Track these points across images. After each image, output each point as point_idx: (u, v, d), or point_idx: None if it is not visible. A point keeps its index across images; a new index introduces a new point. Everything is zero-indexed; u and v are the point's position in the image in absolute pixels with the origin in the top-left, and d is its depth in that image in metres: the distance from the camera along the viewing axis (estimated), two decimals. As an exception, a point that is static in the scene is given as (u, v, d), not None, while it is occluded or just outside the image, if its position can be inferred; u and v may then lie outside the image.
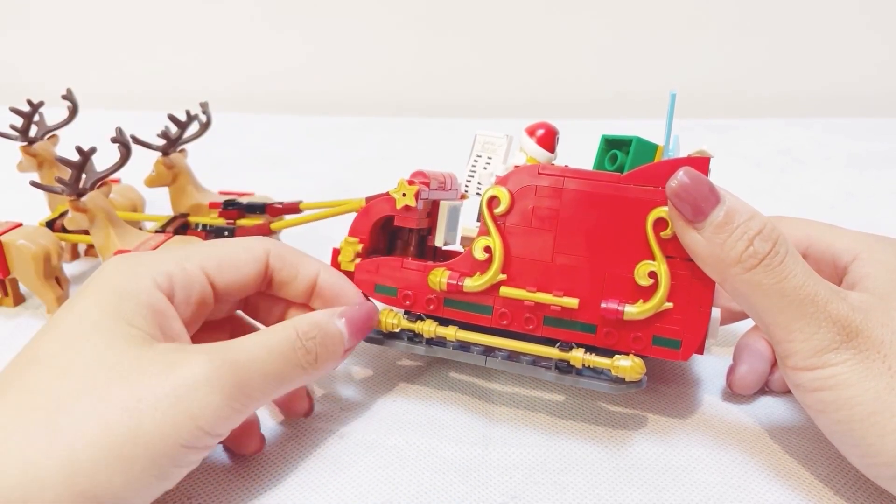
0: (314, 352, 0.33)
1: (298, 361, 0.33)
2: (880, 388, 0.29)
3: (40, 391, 0.28)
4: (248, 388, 0.30)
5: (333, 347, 0.34)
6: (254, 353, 0.31)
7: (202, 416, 0.29)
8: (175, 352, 0.30)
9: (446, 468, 0.35)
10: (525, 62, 1.04)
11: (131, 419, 0.27)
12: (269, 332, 0.33)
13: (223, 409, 0.29)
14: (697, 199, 0.31)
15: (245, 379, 0.30)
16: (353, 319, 0.36)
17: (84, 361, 0.29)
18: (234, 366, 0.30)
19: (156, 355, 0.29)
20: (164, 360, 0.29)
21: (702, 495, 0.34)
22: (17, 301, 0.51)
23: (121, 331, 0.30)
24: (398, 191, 0.38)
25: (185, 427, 0.28)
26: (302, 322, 0.34)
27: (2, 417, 0.28)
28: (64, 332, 0.30)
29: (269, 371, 0.31)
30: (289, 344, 0.32)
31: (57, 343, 0.30)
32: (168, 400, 0.28)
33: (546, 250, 0.36)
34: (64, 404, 0.28)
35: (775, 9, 0.98)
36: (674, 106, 0.35)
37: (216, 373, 0.29)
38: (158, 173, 0.54)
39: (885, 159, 0.82)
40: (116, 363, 0.29)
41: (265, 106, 1.08)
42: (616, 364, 0.35)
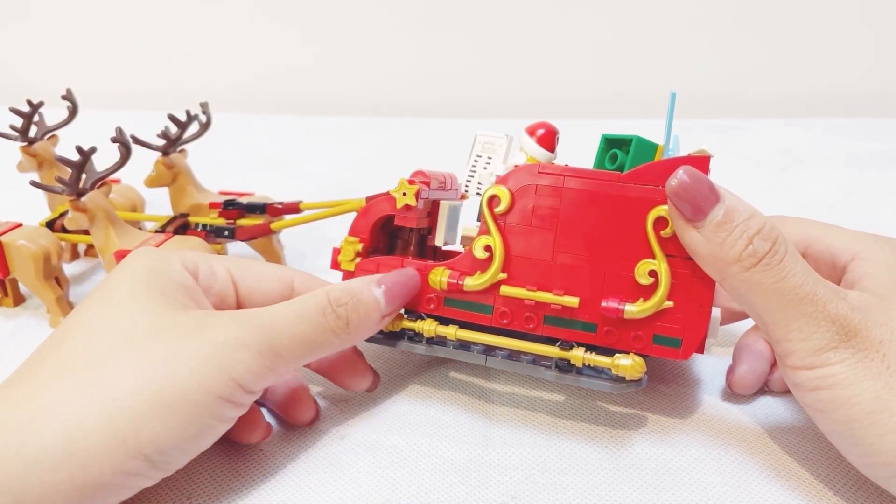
0: (345, 317, 0.34)
1: (329, 326, 0.33)
2: (879, 387, 0.29)
3: (79, 353, 0.30)
4: (278, 348, 0.32)
5: (367, 313, 0.35)
6: (283, 317, 0.33)
7: (235, 370, 0.30)
8: (207, 316, 0.32)
9: (446, 468, 0.35)
10: (525, 62, 1.04)
11: (168, 370, 0.29)
12: (301, 300, 0.34)
13: (254, 365, 0.31)
14: (697, 197, 0.31)
15: (274, 339, 0.32)
16: (392, 285, 0.36)
17: (120, 325, 0.31)
18: (262, 328, 0.32)
19: (189, 318, 0.31)
20: (197, 322, 0.31)
21: (702, 495, 0.34)
22: (16, 301, 0.51)
23: (154, 298, 0.32)
24: (398, 190, 0.38)
25: (220, 379, 0.30)
26: (335, 289, 0.35)
27: (43, 377, 0.29)
28: (98, 303, 0.32)
29: (298, 334, 0.33)
30: (319, 309, 0.33)
31: (92, 312, 0.32)
32: (203, 352, 0.30)
33: (546, 249, 0.36)
34: (103, 361, 0.29)
35: (775, 9, 0.98)
36: (674, 105, 0.35)
37: (245, 333, 0.31)
38: (158, 173, 0.54)
39: (885, 159, 0.81)
40: (152, 324, 0.31)
41: (265, 106, 1.08)
42: (616, 363, 0.35)
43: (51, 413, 0.28)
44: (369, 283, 0.36)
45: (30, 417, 0.28)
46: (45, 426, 0.27)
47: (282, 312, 0.33)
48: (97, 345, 0.30)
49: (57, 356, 0.30)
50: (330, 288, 0.35)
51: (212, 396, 0.30)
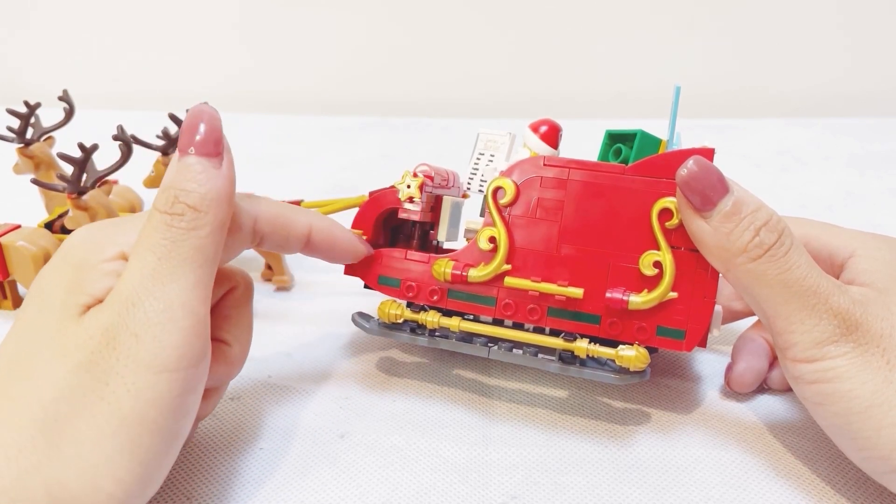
0: (182, 208, 0.29)
1: (183, 233, 0.29)
2: (878, 381, 0.29)
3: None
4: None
5: (196, 183, 0.30)
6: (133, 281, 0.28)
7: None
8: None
9: (446, 468, 0.35)
10: (525, 62, 1.05)
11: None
12: (139, 237, 0.29)
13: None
14: (706, 187, 0.31)
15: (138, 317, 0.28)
16: (199, 141, 0.31)
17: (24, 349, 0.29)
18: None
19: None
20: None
21: (702, 495, 0.33)
22: (16, 303, 0.51)
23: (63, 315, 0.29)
24: (402, 182, 0.38)
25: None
26: (157, 197, 0.30)
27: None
28: (18, 318, 0.30)
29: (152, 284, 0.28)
30: (160, 223, 0.29)
31: (12, 331, 0.30)
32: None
33: (551, 241, 0.36)
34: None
35: (776, 9, 0.99)
36: (678, 100, 0.35)
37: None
38: (158, 173, 0.53)
39: (885, 159, 0.82)
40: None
41: (264, 106, 1.08)
42: (620, 354, 0.35)
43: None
44: (175, 161, 0.30)
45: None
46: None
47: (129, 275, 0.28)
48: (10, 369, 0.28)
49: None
50: (155, 202, 0.30)
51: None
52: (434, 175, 0.38)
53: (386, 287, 0.39)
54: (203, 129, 0.31)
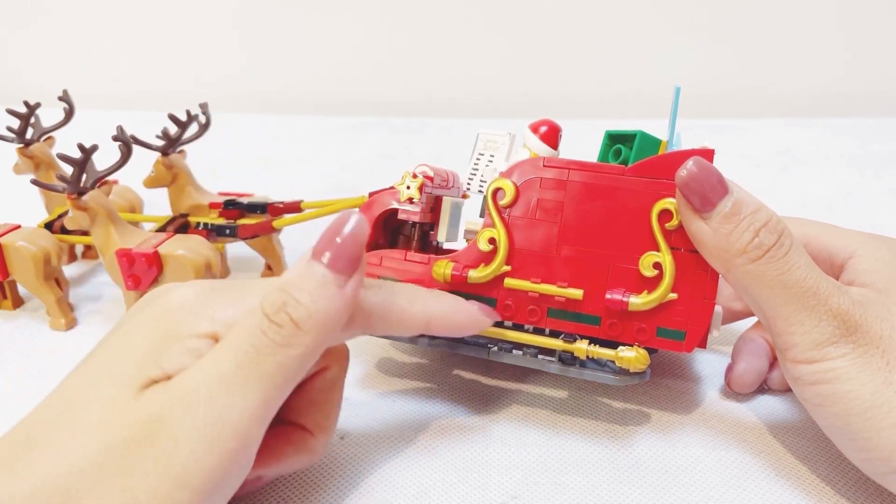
0: (284, 318, 0.27)
1: (273, 348, 0.26)
2: (878, 382, 0.29)
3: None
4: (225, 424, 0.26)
5: (312, 298, 0.27)
6: (206, 375, 0.26)
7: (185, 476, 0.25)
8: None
9: (446, 468, 0.35)
10: (525, 62, 1.05)
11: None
12: (236, 326, 0.27)
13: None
14: (706, 188, 0.31)
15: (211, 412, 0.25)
16: (333, 247, 0.28)
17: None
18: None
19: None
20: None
21: (702, 495, 0.34)
22: (15, 304, 0.51)
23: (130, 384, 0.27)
24: (402, 182, 0.38)
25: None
26: (269, 293, 0.27)
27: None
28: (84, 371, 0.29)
29: (242, 386, 0.26)
30: (257, 327, 0.27)
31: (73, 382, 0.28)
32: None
33: (550, 242, 0.36)
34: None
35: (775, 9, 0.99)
36: (678, 101, 0.35)
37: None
38: (158, 173, 0.53)
39: (885, 159, 0.82)
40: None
41: (265, 106, 1.08)
42: (620, 355, 0.35)
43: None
44: (304, 262, 0.28)
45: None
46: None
47: (201, 372, 0.26)
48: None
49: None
50: (264, 299, 0.27)
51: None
52: (434, 176, 0.38)
53: None
54: (345, 240, 0.28)
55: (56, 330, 0.48)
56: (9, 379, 0.43)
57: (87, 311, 0.50)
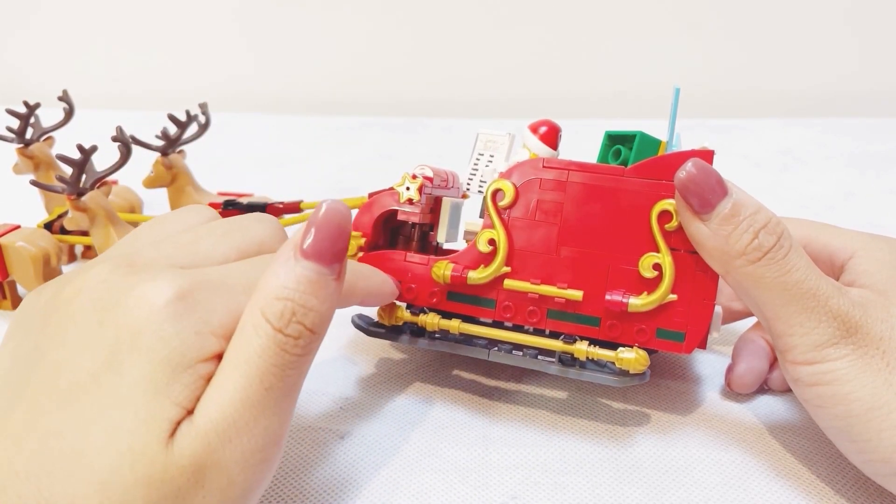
0: (299, 328, 0.26)
1: (294, 360, 0.26)
2: (878, 384, 0.29)
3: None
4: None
5: (319, 300, 0.26)
6: (217, 403, 0.25)
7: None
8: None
9: (446, 468, 0.35)
10: (525, 62, 1.05)
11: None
12: (240, 345, 0.25)
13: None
14: (705, 190, 0.31)
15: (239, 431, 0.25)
16: (320, 244, 0.26)
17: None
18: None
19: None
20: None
21: (702, 495, 0.33)
22: (15, 304, 0.51)
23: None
24: (402, 184, 0.38)
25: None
26: (267, 302, 0.25)
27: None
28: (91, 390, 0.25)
29: (258, 410, 0.25)
30: (272, 343, 0.25)
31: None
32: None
33: (550, 243, 0.36)
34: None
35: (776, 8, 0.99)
36: (677, 101, 0.35)
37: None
38: (157, 174, 0.53)
39: (885, 159, 0.82)
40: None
41: (265, 106, 1.08)
42: (620, 356, 0.35)
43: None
44: (290, 261, 0.26)
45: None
46: None
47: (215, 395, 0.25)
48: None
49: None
50: (257, 302, 0.26)
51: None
52: (433, 176, 0.38)
53: None
54: (327, 229, 0.26)
55: (56, 330, 0.48)
56: (8, 379, 0.43)
57: (87, 312, 0.50)
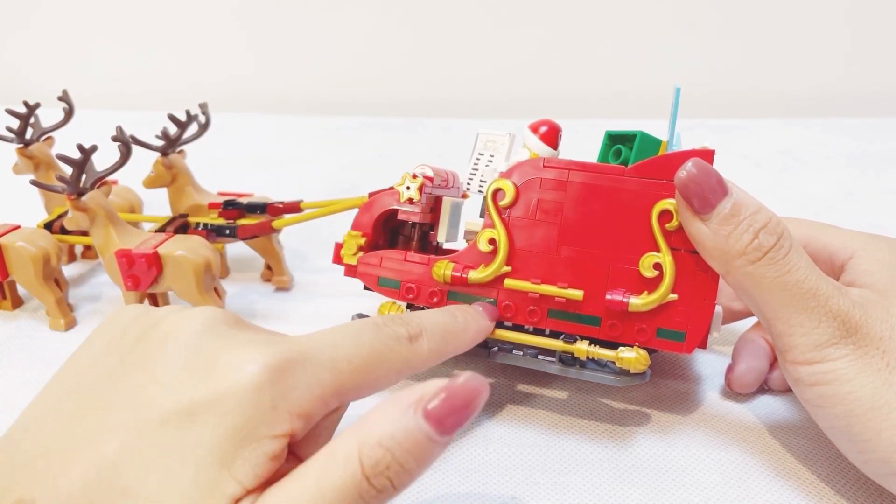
0: (386, 484, 0.24)
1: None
2: (878, 384, 0.29)
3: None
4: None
5: (418, 462, 0.24)
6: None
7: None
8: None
9: (446, 468, 0.35)
10: (525, 62, 1.04)
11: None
12: (324, 468, 0.24)
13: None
14: (705, 190, 0.31)
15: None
16: (441, 412, 0.24)
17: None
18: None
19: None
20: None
21: (702, 495, 0.33)
22: (15, 304, 0.51)
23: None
24: (402, 183, 0.38)
25: None
26: (368, 443, 0.24)
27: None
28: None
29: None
30: (354, 486, 0.24)
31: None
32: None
33: (550, 242, 0.36)
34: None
35: (775, 8, 0.99)
36: (678, 101, 0.35)
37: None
38: (157, 174, 0.53)
39: (885, 159, 0.82)
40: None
41: (265, 106, 1.08)
42: (620, 356, 0.35)
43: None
44: (408, 416, 0.24)
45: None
46: None
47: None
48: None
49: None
50: (361, 443, 0.24)
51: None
52: (433, 176, 0.38)
53: (386, 289, 0.39)
54: (463, 407, 0.25)
55: (55, 330, 0.48)
56: (8, 379, 0.43)
57: (87, 312, 0.50)
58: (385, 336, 0.29)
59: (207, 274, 0.45)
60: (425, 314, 0.32)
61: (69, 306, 0.49)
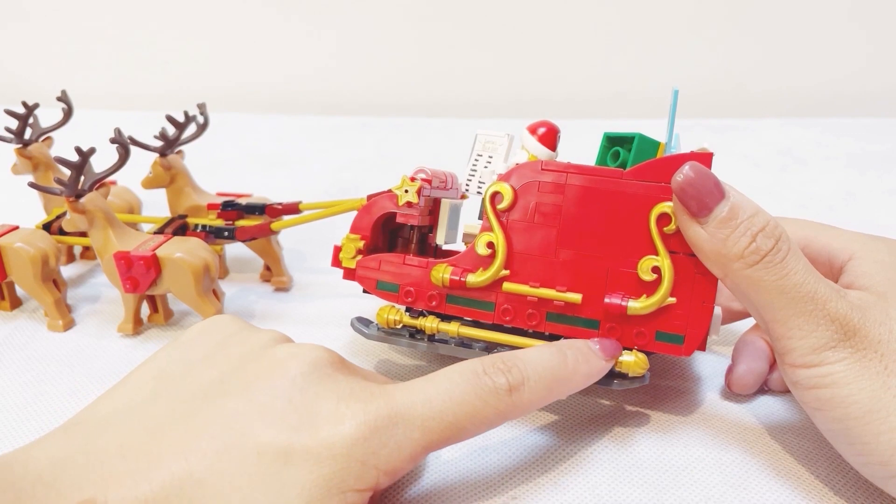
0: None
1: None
2: (876, 386, 0.29)
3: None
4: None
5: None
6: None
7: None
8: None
9: (446, 468, 0.35)
10: (525, 62, 1.04)
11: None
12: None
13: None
14: (702, 193, 0.31)
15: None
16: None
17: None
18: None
19: None
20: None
21: (702, 495, 0.33)
22: (13, 305, 0.51)
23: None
24: (401, 187, 0.37)
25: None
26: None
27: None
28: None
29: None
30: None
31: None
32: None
33: (549, 246, 0.35)
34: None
35: (775, 8, 0.98)
36: (676, 103, 0.35)
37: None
38: (156, 175, 0.53)
39: (885, 159, 0.81)
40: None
41: (264, 106, 1.08)
42: (619, 359, 0.34)
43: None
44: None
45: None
46: None
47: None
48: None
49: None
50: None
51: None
52: (432, 178, 0.38)
53: (385, 292, 0.39)
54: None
55: (54, 331, 0.48)
56: (8, 380, 0.43)
57: (86, 312, 0.50)
58: (483, 389, 0.29)
59: (206, 276, 0.45)
60: (532, 355, 0.32)
61: (68, 307, 0.49)
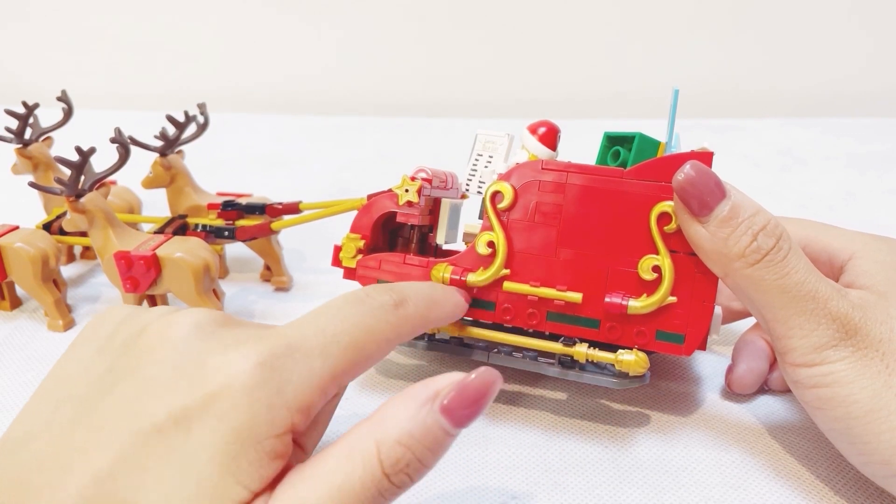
0: (405, 480, 0.24)
1: (380, 502, 0.24)
2: (877, 386, 0.29)
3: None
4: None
5: (434, 456, 0.25)
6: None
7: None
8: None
9: (446, 468, 0.35)
10: (525, 62, 1.04)
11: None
12: (340, 468, 0.24)
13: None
14: (703, 192, 0.31)
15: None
16: (458, 406, 0.25)
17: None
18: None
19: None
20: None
21: (702, 495, 0.34)
22: (13, 304, 0.51)
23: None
24: (401, 186, 0.37)
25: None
26: (386, 441, 0.24)
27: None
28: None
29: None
30: (374, 485, 0.24)
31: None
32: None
33: (549, 245, 0.35)
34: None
35: (775, 8, 0.98)
36: (676, 103, 0.35)
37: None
38: (156, 174, 0.53)
39: (885, 159, 0.81)
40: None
41: (264, 106, 1.08)
42: (620, 358, 0.35)
43: None
44: (424, 410, 0.25)
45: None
46: None
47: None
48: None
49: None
50: (378, 438, 0.24)
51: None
52: (432, 178, 0.38)
53: None
54: (478, 401, 0.25)
55: (54, 331, 0.48)
56: (8, 380, 0.43)
57: (86, 312, 0.50)
58: (370, 307, 0.28)
59: (206, 276, 0.45)
60: (406, 283, 0.32)
61: (68, 307, 0.49)
